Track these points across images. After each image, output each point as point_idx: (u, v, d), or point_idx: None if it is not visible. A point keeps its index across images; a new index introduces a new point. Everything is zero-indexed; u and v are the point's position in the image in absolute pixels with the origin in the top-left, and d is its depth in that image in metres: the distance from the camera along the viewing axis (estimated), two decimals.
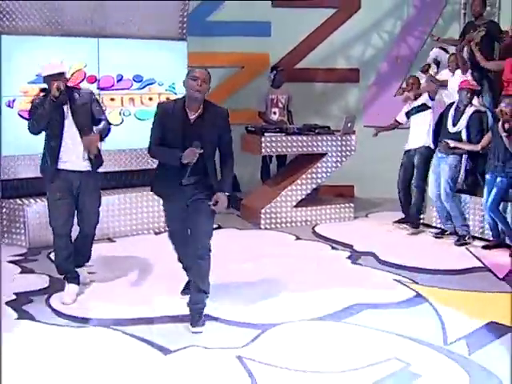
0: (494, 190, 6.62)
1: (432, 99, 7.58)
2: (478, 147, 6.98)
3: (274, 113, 8.83)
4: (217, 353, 4.19)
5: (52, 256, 6.53)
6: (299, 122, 8.68)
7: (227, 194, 4.52)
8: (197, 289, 4.57)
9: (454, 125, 7.09)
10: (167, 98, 7.73)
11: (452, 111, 7.16)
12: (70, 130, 5.17)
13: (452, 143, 6.99)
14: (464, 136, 7.06)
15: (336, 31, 9.59)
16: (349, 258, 6.56)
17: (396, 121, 7.93)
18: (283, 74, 8.92)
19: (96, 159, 5.27)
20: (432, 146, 7.40)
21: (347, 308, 5.05)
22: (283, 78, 8.90)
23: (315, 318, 4.85)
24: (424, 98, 7.61)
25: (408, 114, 7.78)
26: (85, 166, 5.25)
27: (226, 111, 4.62)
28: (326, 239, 7.30)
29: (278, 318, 4.82)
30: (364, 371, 3.98)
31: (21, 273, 6.04)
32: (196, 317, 4.52)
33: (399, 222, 7.82)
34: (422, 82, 7.85)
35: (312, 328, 4.70)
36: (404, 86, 8.42)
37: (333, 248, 6.96)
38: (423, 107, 7.59)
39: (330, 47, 9.64)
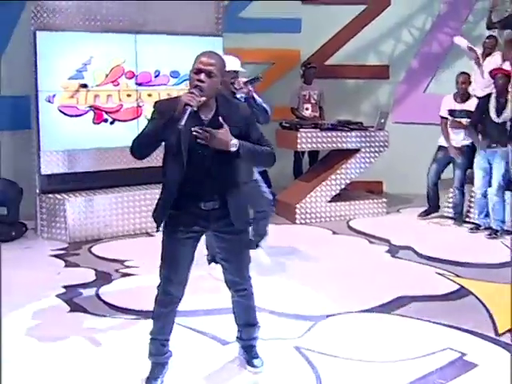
0: None
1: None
2: None
3: (307, 109, 8.87)
4: (274, 344, 4.22)
5: (94, 250, 6.65)
6: (330, 118, 8.74)
7: (236, 142, 3.32)
8: (246, 324, 3.87)
9: (499, 115, 7.02)
10: None
11: (493, 101, 7.04)
12: None
13: None
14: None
15: (366, 27, 9.61)
16: (388, 251, 6.59)
17: (443, 117, 7.73)
18: (314, 71, 8.95)
19: None
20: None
21: (394, 300, 5.07)
22: (314, 75, 8.94)
23: (364, 310, 4.88)
24: (474, 102, 7.41)
25: (452, 113, 7.64)
26: None
27: (245, 105, 3.83)
28: (363, 234, 7.34)
29: (327, 309, 4.86)
30: (420, 361, 4.02)
31: (65, 266, 6.10)
32: (252, 353, 3.88)
33: (424, 214, 7.87)
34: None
35: (362, 320, 4.74)
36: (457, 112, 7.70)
37: (370, 242, 6.99)
38: (469, 113, 7.42)
39: (361, 43, 9.67)
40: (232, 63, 5.10)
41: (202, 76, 3.23)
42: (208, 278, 5.36)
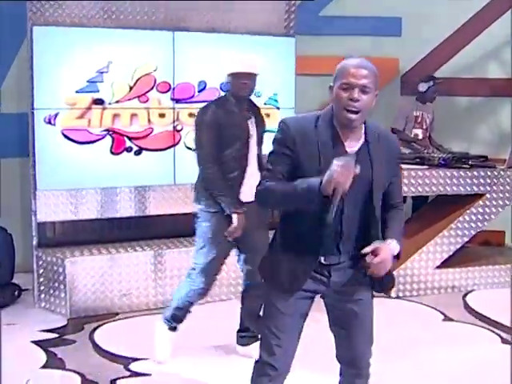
0: None
1: None
2: None
3: (416, 135, 6.69)
4: None
5: (98, 335, 4.69)
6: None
7: (394, 243, 2.58)
8: None
9: None
10: (267, 115, 5.75)
11: None
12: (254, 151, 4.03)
13: None
14: None
15: (487, 29, 7.38)
16: None
17: None
18: (438, 88, 6.77)
19: None
20: None
21: None
22: (437, 93, 6.78)
23: None
24: None
25: None
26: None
27: (395, 138, 2.83)
28: (489, 321, 5.04)
29: None
30: None
31: (43, 367, 4.12)
32: None
33: None
34: None
35: None
36: None
37: (503, 341, 4.69)
38: None
39: (479, 51, 7.48)
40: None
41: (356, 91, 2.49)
42: None
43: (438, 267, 5.73)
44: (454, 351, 4.42)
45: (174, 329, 4.17)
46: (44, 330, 4.75)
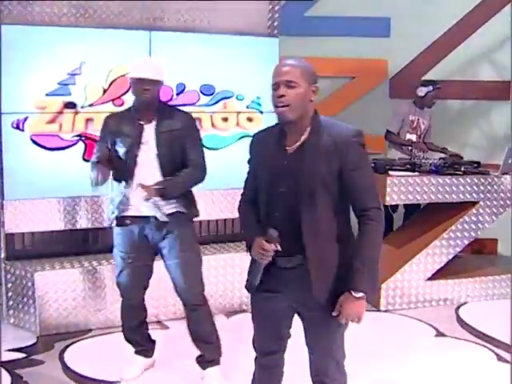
0: None
1: None
2: None
3: (409, 140, 6.40)
4: None
5: (69, 355, 4.40)
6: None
7: (360, 295, 2.50)
8: None
9: None
10: (249, 119, 5.49)
11: None
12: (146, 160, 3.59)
13: None
14: None
15: (480, 29, 7.12)
16: None
17: None
18: (438, 93, 6.47)
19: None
20: None
21: None
22: (436, 98, 6.49)
23: None
24: None
25: None
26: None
27: (353, 132, 2.57)
28: (484, 336, 4.77)
29: None
30: None
31: None
32: None
33: None
34: None
35: None
36: None
37: (500, 358, 4.42)
38: None
39: (472, 52, 7.21)
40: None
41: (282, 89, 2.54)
42: None
43: (429, 279, 5.44)
44: (448, 370, 4.16)
45: (140, 352, 3.95)
46: (11, 350, 4.44)
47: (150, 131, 3.63)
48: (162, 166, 3.60)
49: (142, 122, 3.65)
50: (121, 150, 3.65)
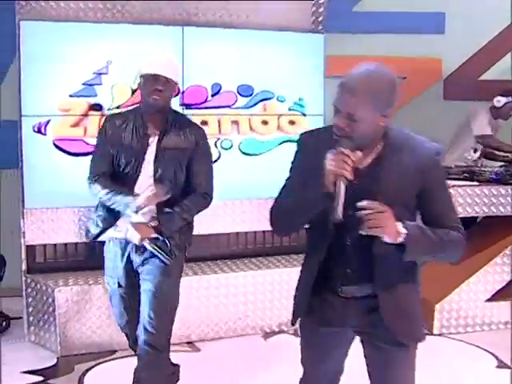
0: None
1: None
2: None
3: (476, 150, 5.83)
4: None
5: (87, 379, 4.06)
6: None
7: (404, 231, 2.18)
8: None
9: None
10: (291, 122, 5.10)
11: None
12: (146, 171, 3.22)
13: None
14: None
15: None
16: None
17: None
18: None
19: None
20: None
21: None
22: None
23: None
24: None
25: None
26: None
27: (437, 149, 2.30)
28: None
29: None
30: None
31: None
32: None
33: None
34: None
35: None
36: None
37: None
38: None
39: None
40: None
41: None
42: None
43: (489, 299, 4.97)
44: None
45: None
46: (28, 372, 4.11)
47: (152, 145, 3.23)
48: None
49: (148, 132, 3.24)
50: (121, 163, 3.26)
